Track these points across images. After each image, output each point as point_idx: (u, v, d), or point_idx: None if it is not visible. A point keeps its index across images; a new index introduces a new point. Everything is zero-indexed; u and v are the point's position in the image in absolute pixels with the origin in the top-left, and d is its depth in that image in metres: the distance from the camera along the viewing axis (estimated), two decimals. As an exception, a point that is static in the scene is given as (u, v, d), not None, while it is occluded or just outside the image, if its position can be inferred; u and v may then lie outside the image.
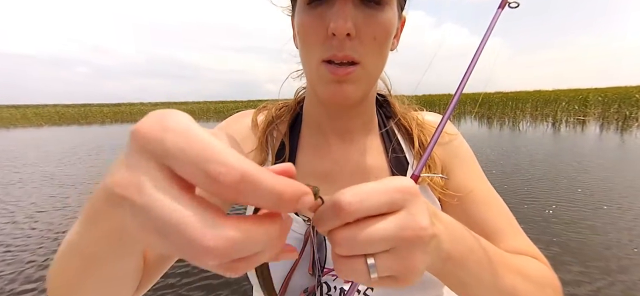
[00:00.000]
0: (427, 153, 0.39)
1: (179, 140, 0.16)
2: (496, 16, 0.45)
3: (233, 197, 0.16)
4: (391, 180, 0.24)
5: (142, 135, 0.16)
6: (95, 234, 0.22)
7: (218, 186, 0.15)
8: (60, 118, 22.50)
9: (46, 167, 6.39)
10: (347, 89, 0.41)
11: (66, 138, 12.09)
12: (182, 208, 0.16)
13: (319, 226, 0.24)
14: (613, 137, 8.14)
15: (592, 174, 4.60)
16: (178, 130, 0.16)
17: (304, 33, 0.41)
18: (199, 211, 0.16)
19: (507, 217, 0.48)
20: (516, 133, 9.24)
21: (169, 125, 0.16)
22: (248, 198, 0.16)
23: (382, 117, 0.55)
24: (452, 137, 0.53)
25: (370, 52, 0.40)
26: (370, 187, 0.23)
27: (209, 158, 0.15)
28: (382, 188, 0.23)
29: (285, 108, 0.55)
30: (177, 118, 0.17)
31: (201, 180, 0.15)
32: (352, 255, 0.23)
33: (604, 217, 3.15)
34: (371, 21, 0.39)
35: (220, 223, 0.16)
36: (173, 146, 0.16)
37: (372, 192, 0.23)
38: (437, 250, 0.26)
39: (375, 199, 0.23)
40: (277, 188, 0.16)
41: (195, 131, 0.16)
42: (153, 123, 0.16)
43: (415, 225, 0.23)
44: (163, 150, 0.16)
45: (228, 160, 0.15)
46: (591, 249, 2.57)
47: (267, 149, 0.51)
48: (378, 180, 0.51)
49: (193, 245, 0.15)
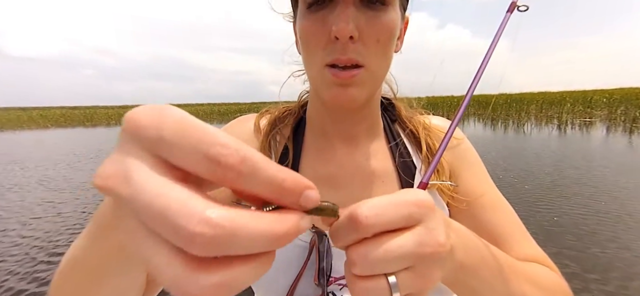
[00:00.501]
0: (436, 159, 0.38)
1: (177, 127, 0.15)
2: (505, 20, 0.44)
3: (234, 181, 0.15)
4: (407, 193, 0.24)
5: (136, 122, 0.16)
6: (99, 249, 0.22)
7: (219, 168, 0.15)
8: (66, 120, 22.84)
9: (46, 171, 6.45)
10: (351, 92, 0.40)
11: (72, 139, 12.20)
12: (170, 193, 0.14)
13: (335, 242, 0.24)
14: (621, 139, 8.04)
15: (601, 178, 4.54)
16: (175, 117, 0.15)
17: (306, 38, 0.41)
18: (188, 195, 0.14)
19: (516, 223, 0.48)
20: (521, 136, 9.16)
21: (165, 113, 0.16)
22: (248, 183, 0.15)
23: (387, 121, 0.54)
24: (459, 141, 0.52)
25: (374, 54, 0.40)
26: (387, 200, 0.23)
27: (209, 142, 0.15)
28: (399, 202, 0.23)
29: (288, 112, 0.55)
30: (172, 110, 0.16)
31: (201, 164, 0.15)
32: (371, 274, 0.22)
33: (616, 224, 3.07)
34: (374, 23, 0.38)
35: (211, 206, 0.14)
36: (171, 132, 0.15)
37: (389, 206, 0.22)
38: (451, 261, 0.26)
39: (393, 213, 0.22)
40: (278, 176, 0.16)
41: (193, 119, 0.16)
42: (149, 111, 0.16)
43: (434, 241, 0.23)
44: (159, 137, 0.15)
45: (229, 143, 0.15)
46: (603, 259, 2.51)
47: (270, 154, 0.50)
48: (385, 184, 0.50)
49: (178, 232, 0.14)
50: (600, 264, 2.41)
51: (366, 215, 0.21)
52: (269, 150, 0.51)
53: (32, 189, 5.04)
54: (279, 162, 0.49)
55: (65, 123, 21.80)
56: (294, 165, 0.49)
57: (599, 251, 2.58)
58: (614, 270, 2.34)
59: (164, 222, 0.14)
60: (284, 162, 0.49)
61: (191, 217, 0.14)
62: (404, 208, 0.22)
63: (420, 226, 0.23)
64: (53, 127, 20.46)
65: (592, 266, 2.38)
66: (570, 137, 8.64)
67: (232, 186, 0.16)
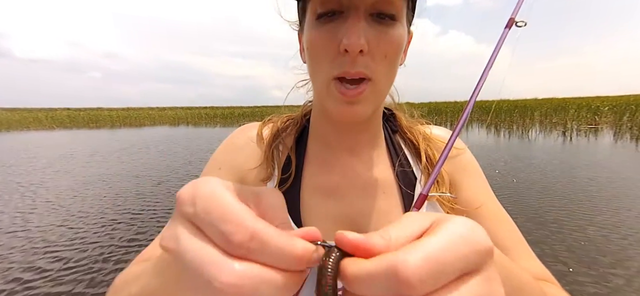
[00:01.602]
0: (436, 170, 0.38)
1: (204, 204, 0.20)
2: (503, 36, 0.44)
3: (246, 255, 0.18)
4: (465, 236, 0.18)
5: (180, 201, 0.21)
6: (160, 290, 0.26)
7: (230, 244, 0.18)
8: (71, 122, 23.04)
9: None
10: (357, 109, 0.40)
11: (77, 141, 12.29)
12: (205, 252, 0.19)
13: (358, 292, 0.18)
14: (628, 146, 7.96)
15: (607, 187, 4.49)
16: (204, 195, 0.20)
17: (314, 49, 0.40)
18: (219, 254, 0.18)
19: (518, 237, 0.48)
20: (526, 143, 9.10)
21: (197, 192, 0.20)
22: (259, 256, 0.18)
23: (389, 131, 0.55)
24: (459, 151, 0.52)
25: (381, 69, 0.40)
26: (440, 247, 0.17)
27: (224, 219, 0.19)
28: (458, 251, 0.18)
29: (291, 121, 0.55)
30: (205, 186, 0.20)
31: (217, 238, 0.19)
32: None
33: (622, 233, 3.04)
34: (383, 38, 0.39)
35: (237, 262, 0.18)
36: (199, 209, 0.20)
37: (447, 259, 0.17)
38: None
39: (451, 269, 0.17)
40: (286, 249, 0.19)
41: (218, 195, 0.20)
42: (187, 191, 0.21)
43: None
44: (193, 213, 0.20)
45: (240, 220, 0.18)
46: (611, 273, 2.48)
47: (273, 164, 0.51)
48: (386, 194, 0.49)
49: (211, 283, 0.18)
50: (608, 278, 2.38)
51: (420, 277, 0.16)
52: (272, 161, 0.51)
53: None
54: (282, 173, 0.50)
55: (70, 125, 22.02)
56: (297, 175, 0.50)
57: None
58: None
59: (199, 275, 0.18)
60: (287, 172, 0.50)
61: (220, 272, 0.18)
62: (464, 261, 0.18)
63: (478, 276, 0.18)
64: (59, 128, 20.68)
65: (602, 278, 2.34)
66: (575, 144, 8.57)
67: (247, 259, 0.19)
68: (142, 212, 4.09)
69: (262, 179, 0.50)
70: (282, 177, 0.49)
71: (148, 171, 6.48)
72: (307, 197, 0.49)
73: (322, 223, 0.47)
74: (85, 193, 4.92)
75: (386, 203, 0.48)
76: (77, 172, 6.52)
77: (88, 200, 4.58)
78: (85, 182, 5.66)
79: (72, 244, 3.18)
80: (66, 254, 2.97)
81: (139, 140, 12.43)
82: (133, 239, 3.29)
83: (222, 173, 0.50)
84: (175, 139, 12.64)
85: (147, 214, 4.00)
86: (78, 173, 6.35)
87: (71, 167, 7.09)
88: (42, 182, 5.70)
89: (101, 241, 3.24)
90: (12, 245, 3.17)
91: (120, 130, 18.30)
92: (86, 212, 4.10)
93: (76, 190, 5.14)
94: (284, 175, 0.49)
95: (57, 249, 3.07)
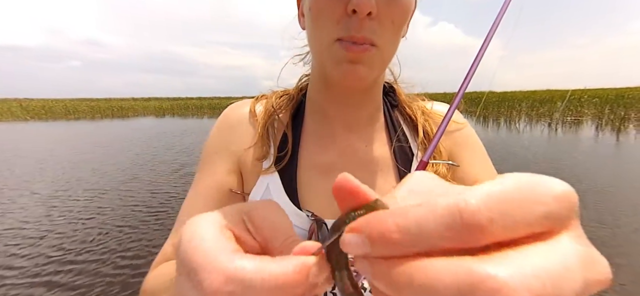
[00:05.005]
0: (436, 139, 0.38)
1: (182, 254, 0.18)
2: (505, 6, 0.44)
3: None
4: (537, 181, 0.13)
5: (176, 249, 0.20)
6: None
7: (205, 294, 0.16)
8: (47, 113, 21.67)
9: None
10: (360, 70, 0.39)
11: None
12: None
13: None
14: (609, 137, 8.19)
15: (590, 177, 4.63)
16: (183, 243, 0.19)
17: (318, 9, 0.39)
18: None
19: None
20: (514, 134, 9.26)
21: (181, 239, 0.19)
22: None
23: (388, 106, 0.54)
24: (459, 126, 0.51)
25: (387, 35, 0.39)
26: (510, 187, 0.13)
27: (197, 267, 0.17)
28: (535, 192, 0.13)
29: (286, 97, 0.53)
30: (186, 232, 0.19)
31: (196, 288, 0.17)
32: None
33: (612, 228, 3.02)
34: (392, 2, 0.37)
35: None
36: (180, 260, 0.19)
37: (522, 200, 0.13)
38: None
39: (528, 213, 0.13)
40: (272, 280, 0.16)
41: (195, 239, 0.18)
42: (181, 237, 0.20)
43: (603, 264, 0.14)
44: (179, 261, 0.19)
45: (211, 265, 0.17)
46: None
47: (268, 142, 0.49)
48: (384, 172, 0.49)
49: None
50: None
51: (489, 215, 0.12)
52: (268, 139, 0.49)
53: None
54: (278, 151, 0.48)
55: (46, 116, 20.63)
56: (293, 153, 0.48)
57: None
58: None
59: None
60: (283, 150, 0.48)
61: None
62: (543, 206, 0.13)
63: (567, 233, 0.13)
64: (33, 119, 19.51)
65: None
66: (560, 135, 8.78)
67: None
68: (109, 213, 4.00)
69: (257, 158, 0.48)
70: (279, 155, 0.48)
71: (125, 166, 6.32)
72: (305, 175, 0.48)
73: (319, 202, 0.46)
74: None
75: (384, 181, 0.48)
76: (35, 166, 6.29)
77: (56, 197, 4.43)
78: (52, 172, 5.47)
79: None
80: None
81: (122, 132, 12.04)
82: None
83: (219, 159, 0.49)
84: (162, 129, 12.31)
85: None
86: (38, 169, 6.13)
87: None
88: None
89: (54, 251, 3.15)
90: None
91: (102, 121, 17.57)
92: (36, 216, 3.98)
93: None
94: (280, 153, 0.48)
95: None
